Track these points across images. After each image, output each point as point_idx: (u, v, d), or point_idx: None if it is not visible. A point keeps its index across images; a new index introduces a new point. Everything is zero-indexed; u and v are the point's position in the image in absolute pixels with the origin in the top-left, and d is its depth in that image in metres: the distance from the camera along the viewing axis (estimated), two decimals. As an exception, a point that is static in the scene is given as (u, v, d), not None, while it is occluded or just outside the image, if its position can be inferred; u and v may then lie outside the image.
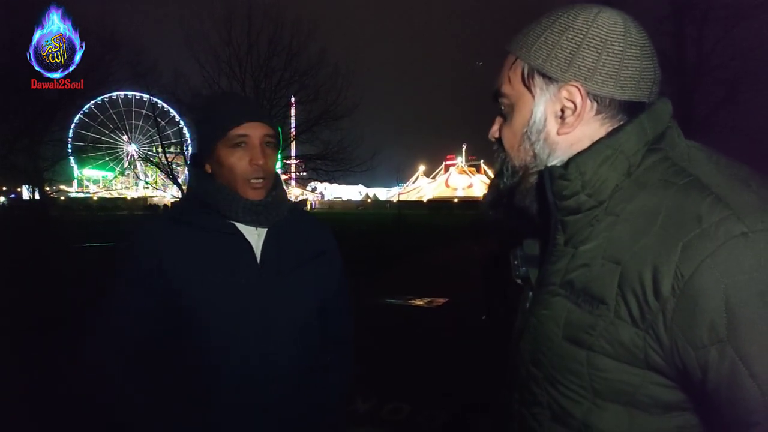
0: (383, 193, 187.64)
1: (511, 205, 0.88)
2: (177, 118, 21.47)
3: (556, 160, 0.81)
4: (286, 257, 1.32)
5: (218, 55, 16.55)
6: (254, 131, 1.25)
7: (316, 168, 18.63)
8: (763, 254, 0.61)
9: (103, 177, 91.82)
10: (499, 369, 0.97)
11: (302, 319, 1.33)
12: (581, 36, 0.76)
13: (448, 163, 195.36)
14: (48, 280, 8.63)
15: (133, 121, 70.59)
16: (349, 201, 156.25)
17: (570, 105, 0.78)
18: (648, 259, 0.66)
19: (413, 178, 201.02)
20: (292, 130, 18.37)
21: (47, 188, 16.80)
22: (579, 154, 0.77)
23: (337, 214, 59.91)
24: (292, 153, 20.25)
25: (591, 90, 0.76)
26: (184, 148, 18.78)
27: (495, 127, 0.90)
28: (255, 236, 1.29)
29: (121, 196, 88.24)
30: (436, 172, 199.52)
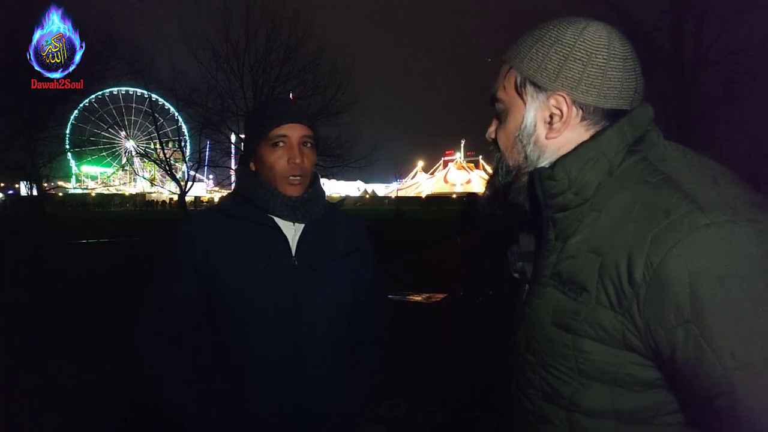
0: (382, 189, 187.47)
1: (507, 202, 0.95)
2: (175, 114, 21.42)
3: (545, 162, 0.88)
4: (320, 252, 1.37)
5: (216, 50, 16.49)
6: (293, 132, 1.33)
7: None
8: (722, 242, 0.67)
9: (101, 173, 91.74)
10: (500, 359, 1.04)
11: (333, 313, 1.38)
12: (568, 49, 0.82)
13: (446, 158, 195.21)
14: (42, 278, 8.63)
15: (133, 117, 70.52)
16: (347, 197, 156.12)
17: (557, 112, 0.85)
18: (623, 250, 0.73)
19: (412, 174, 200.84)
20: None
21: (45, 184, 16.77)
22: (565, 156, 0.85)
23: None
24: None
25: (577, 99, 0.83)
26: (182, 145, 18.74)
27: (492, 128, 0.98)
28: (292, 231, 1.36)
29: (119, 192, 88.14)
30: (434, 167, 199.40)
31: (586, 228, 0.81)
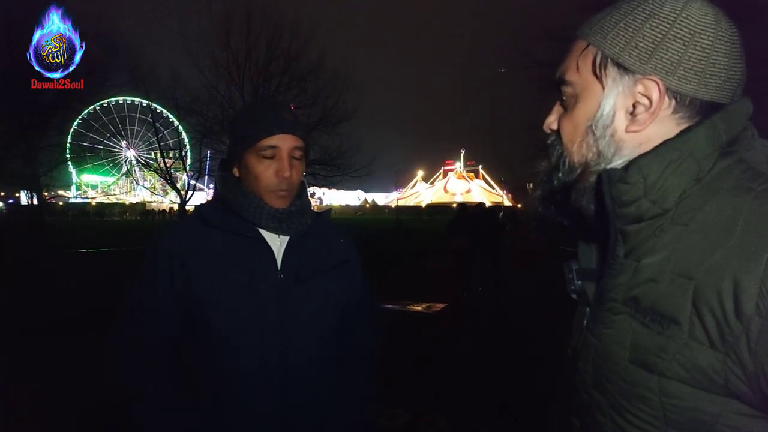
0: (382, 198, 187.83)
1: (565, 204, 0.79)
2: (176, 123, 21.50)
3: (621, 160, 0.73)
4: (307, 265, 1.31)
5: (217, 59, 16.63)
6: (283, 143, 1.25)
7: (315, 173, 18.66)
8: None
9: (101, 182, 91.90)
10: (555, 392, 0.89)
11: (320, 328, 1.32)
12: (667, 25, 0.68)
13: (446, 168, 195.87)
14: (39, 286, 8.59)
15: (136, 127, 70.64)
16: (347, 206, 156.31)
17: (645, 101, 0.70)
18: (727, 274, 0.59)
19: (412, 183, 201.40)
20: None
21: (45, 193, 16.78)
22: (643, 155, 0.70)
23: (335, 219, 59.90)
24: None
25: (671, 86, 0.69)
26: (183, 154, 18.78)
27: (552, 117, 0.83)
28: (278, 243, 1.30)
29: (120, 201, 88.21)
30: (434, 177, 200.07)
31: (668, 245, 0.67)
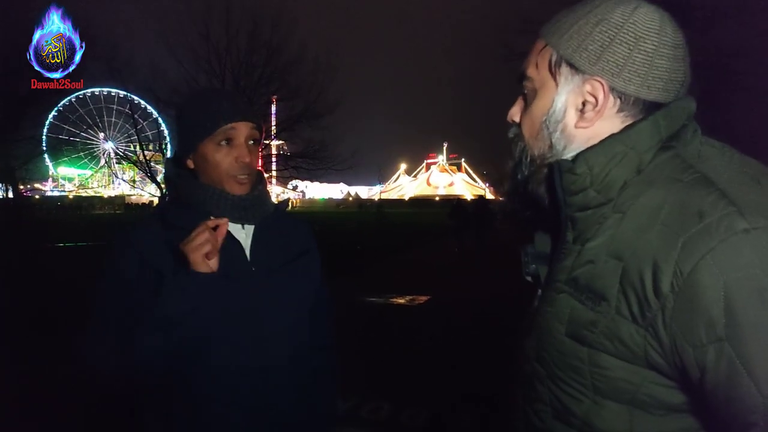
0: (365, 192, 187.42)
1: (526, 196, 0.86)
2: (155, 115, 21.17)
3: (571, 153, 0.79)
4: (275, 254, 1.31)
5: (196, 50, 16.31)
6: (241, 130, 1.24)
7: (297, 166, 18.52)
8: (764, 251, 0.59)
9: (79, 175, 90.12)
10: (504, 366, 0.96)
11: (294, 316, 1.33)
12: (615, 30, 0.74)
13: (429, 161, 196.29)
14: (14, 281, 8.42)
15: (113, 119, 69.34)
16: (330, 199, 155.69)
17: (591, 99, 0.76)
18: (648, 256, 0.65)
19: (395, 177, 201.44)
20: (273, 128, 18.23)
21: (21, 187, 16.40)
22: (589, 148, 0.76)
23: (318, 213, 59.66)
24: (273, 151, 20.07)
25: (616, 87, 0.74)
26: (163, 146, 18.49)
27: (515, 109, 0.88)
28: (243, 234, 1.29)
29: (98, 195, 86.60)
30: (417, 170, 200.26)
31: (608, 231, 0.73)
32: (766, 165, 0.73)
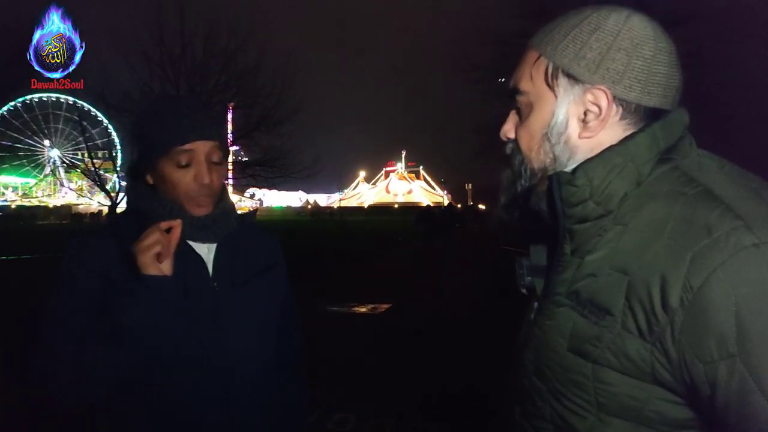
0: (324, 200, 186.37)
1: (527, 209, 0.85)
2: (105, 122, 20.42)
3: (575, 164, 0.77)
4: (239, 269, 1.25)
5: (149, 55, 15.82)
6: (200, 148, 1.15)
7: (255, 174, 18.21)
8: None
9: (22, 184, 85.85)
10: (501, 379, 0.94)
11: (259, 332, 1.27)
12: (612, 37, 0.73)
13: (388, 169, 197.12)
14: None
15: (60, 125, 66.35)
16: (289, 207, 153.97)
17: (594, 109, 0.75)
18: (656, 270, 0.64)
19: (354, 184, 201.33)
20: (230, 135, 17.87)
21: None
22: (589, 160, 0.75)
23: (277, 221, 58.80)
24: (230, 159, 19.63)
25: (618, 94, 0.74)
26: (113, 154, 17.85)
27: (509, 125, 0.86)
28: (205, 250, 1.22)
29: (42, 204, 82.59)
30: (376, 178, 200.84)
31: (609, 243, 0.72)
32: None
